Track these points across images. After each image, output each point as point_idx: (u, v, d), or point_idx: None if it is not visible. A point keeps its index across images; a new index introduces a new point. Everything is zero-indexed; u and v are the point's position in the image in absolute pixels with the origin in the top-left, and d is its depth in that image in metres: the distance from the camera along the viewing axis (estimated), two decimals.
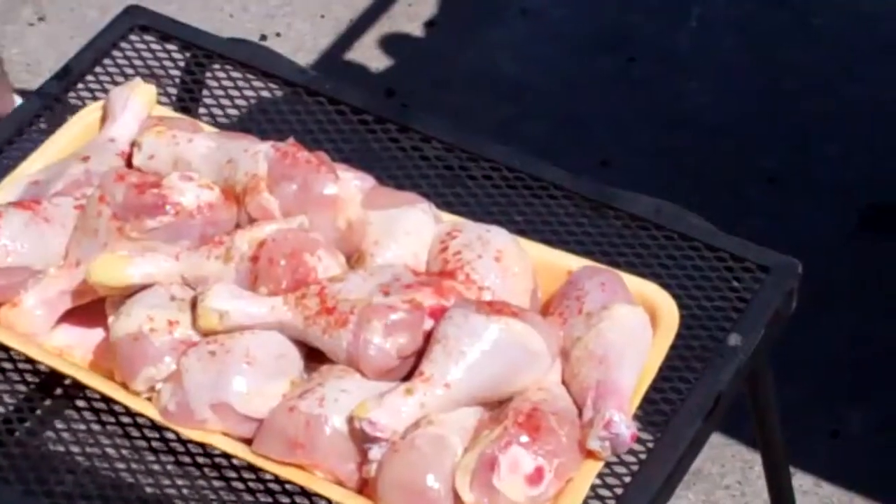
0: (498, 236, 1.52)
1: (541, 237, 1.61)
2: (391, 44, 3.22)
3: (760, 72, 3.11)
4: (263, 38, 3.23)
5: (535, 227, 1.64)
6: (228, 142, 1.58)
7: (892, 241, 2.79)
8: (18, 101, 2.30)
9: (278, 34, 3.25)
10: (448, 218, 1.58)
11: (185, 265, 1.49)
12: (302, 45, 3.23)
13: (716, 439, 2.38)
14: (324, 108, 1.77)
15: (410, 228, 1.52)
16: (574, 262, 1.55)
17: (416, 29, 3.25)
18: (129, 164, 1.61)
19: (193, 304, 1.45)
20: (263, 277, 1.46)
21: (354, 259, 1.52)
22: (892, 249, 2.77)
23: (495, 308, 1.40)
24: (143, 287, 1.48)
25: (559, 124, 3.01)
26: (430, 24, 3.25)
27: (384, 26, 3.25)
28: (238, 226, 1.53)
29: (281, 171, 1.51)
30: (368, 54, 3.20)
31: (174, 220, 1.49)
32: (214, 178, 1.55)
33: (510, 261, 1.50)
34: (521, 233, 1.60)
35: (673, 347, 1.49)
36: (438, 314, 1.42)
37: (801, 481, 2.38)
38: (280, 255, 1.46)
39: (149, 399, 1.43)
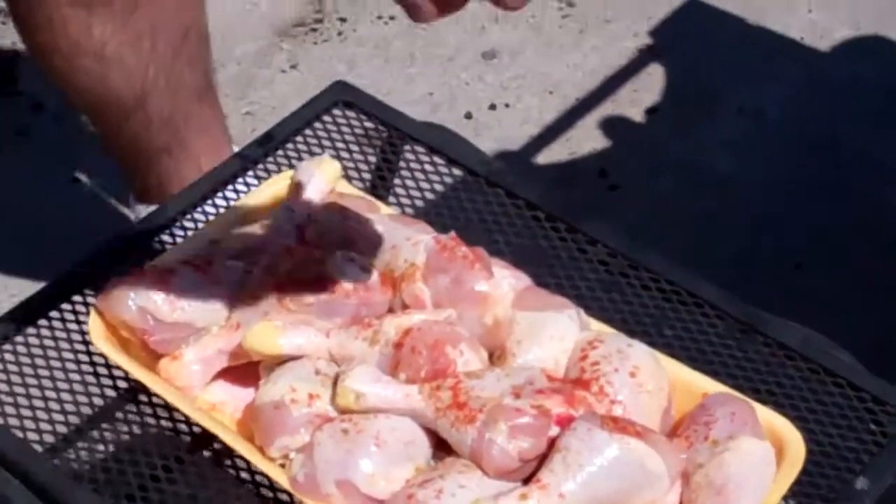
0: (637, 352, 1.47)
1: (687, 353, 1.56)
2: (611, 125, 3.18)
3: None
4: (493, 107, 3.23)
5: (682, 342, 1.59)
6: (395, 227, 1.56)
7: None
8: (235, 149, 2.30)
9: (507, 105, 3.24)
10: (596, 325, 1.53)
11: (334, 342, 1.47)
12: (528, 118, 3.22)
13: None
14: (500, 200, 1.75)
15: (554, 333, 1.48)
16: (710, 385, 1.49)
17: (636, 115, 3.21)
18: (303, 236, 1.60)
19: (335, 381, 1.43)
20: (405, 364, 1.44)
21: (497, 355, 1.49)
22: None
23: (619, 426, 1.35)
24: (293, 358, 1.47)
25: (758, 222, 2.94)
26: (651, 112, 3.21)
27: (607, 108, 3.22)
28: (391, 310, 1.51)
29: (437, 264, 1.49)
30: (588, 133, 3.17)
31: (331, 298, 1.48)
32: (376, 262, 1.54)
33: (645, 377, 1.44)
34: (668, 346, 1.56)
35: (798, 483, 1.42)
36: (566, 422, 1.37)
37: None
38: (422, 345, 1.43)
39: (282, 465, 1.43)
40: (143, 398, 1.52)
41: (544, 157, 3.13)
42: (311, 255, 1.51)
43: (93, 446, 1.51)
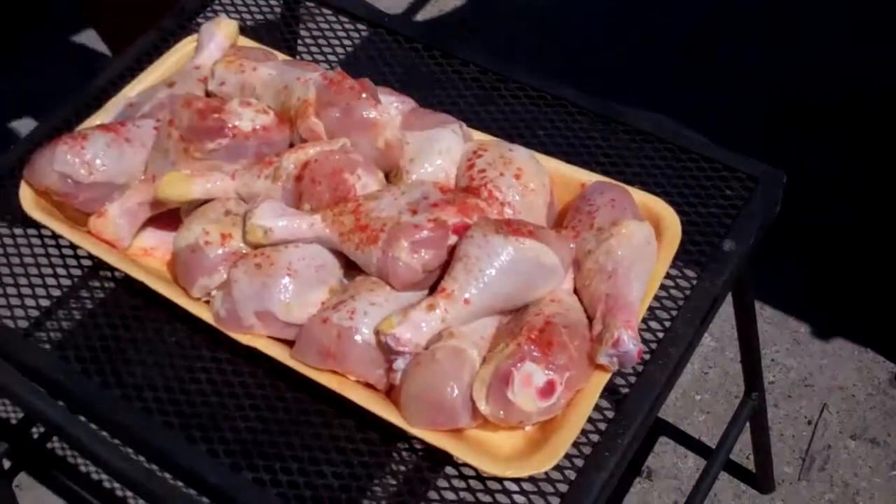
0: (518, 154, 0.95)
1: (559, 150, 1.05)
2: None
3: None
4: None
5: (554, 140, 1.07)
6: (286, 70, 1.01)
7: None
8: None
9: None
10: (477, 136, 1.01)
11: (239, 183, 0.94)
12: None
13: None
14: (383, 38, 1.19)
15: (442, 148, 0.95)
16: (586, 176, 0.97)
17: None
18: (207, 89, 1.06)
19: (244, 220, 0.91)
20: (307, 195, 0.91)
21: (393, 174, 0.96)
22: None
23: (512, 228, 0.85)
24: (205, 202, 0.95)
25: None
26: None
27: None
28: (292, 146, 0.98)
29: (327, 97, 0.95)
30: None
31: (232, 142, 0.93)
32: (273, 103, 0.99)
33: (528, 178, 0.93)
34: (543, 146, 1.04)
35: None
36: (462, 231, 0.86)
37: None
38: (321, 175, 0.90)
39: (207, 303, 0.91)
40: (80, 258, 0.99)
41: (420, 16, 2.54)
42: (209, 104, 0.96)
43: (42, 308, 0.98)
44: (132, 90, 1.07)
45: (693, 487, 1.29)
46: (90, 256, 0.97)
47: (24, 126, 2.02)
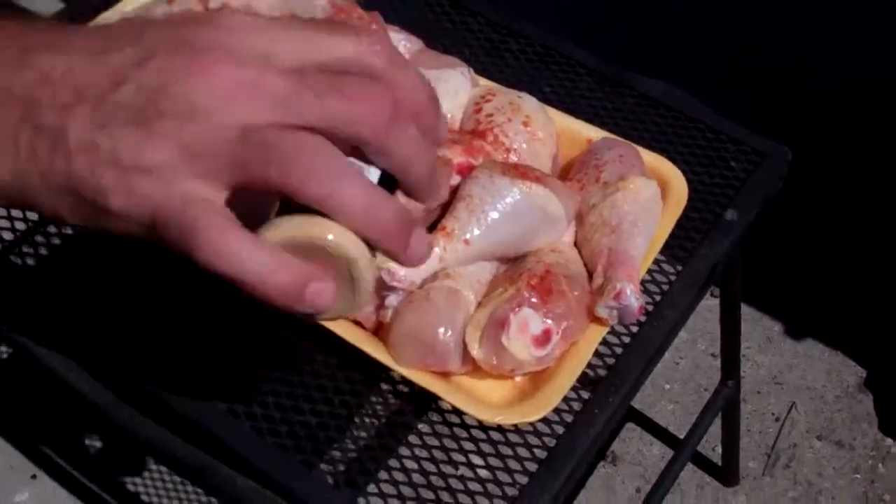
0: (527, 102, 0.91)
1: (564, 107, 1.01)
2: None
3: None
4: None
5: (559, 97, 1.04)
6: None
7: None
8: None
9: None
10: (484, 83, 0.97)
11: None
12: None
13: None
14: None
15: (449, 89, 0.91)
16: (594, 132, 0.94)
17: None
18: (207, 9, 1.01)
19: None
20: None
21: None
22: None
23: (519, 171, 0.81)
24: None
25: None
26: None
27: None
28: None
29: None
30: None
31: None
32: None
33: (536, 126, 0.89)
34: (548, 101, 1.01)
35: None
36: (466, 171, 0.83)
37: None
38: None
39: None
40: None
41: None
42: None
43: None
44: (127, 6, 1.02)
45: (660, 474, 1.27)
46: None
47: None
